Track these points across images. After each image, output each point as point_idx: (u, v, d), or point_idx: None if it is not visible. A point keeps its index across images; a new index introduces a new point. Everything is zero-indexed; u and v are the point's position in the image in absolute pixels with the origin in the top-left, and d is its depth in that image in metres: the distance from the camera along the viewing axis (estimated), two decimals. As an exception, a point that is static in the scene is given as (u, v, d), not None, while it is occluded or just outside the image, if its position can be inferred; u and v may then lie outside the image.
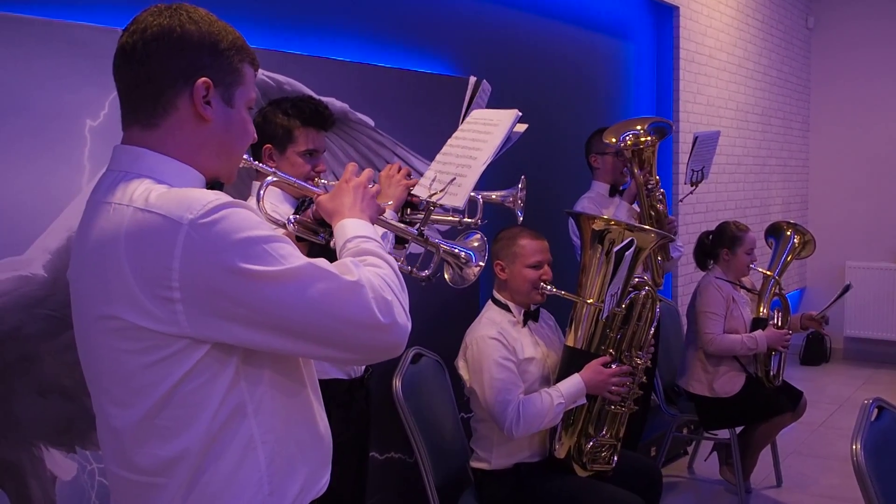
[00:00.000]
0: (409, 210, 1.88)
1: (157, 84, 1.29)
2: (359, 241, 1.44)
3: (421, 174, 3.21)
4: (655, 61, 5.20)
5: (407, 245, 1.81)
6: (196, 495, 1.28)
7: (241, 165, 1.45)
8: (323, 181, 2.28)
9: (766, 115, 6.49)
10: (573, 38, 4.42)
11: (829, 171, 7.43)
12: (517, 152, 2.56)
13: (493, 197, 2.01)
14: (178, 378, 1.24)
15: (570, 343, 2.89)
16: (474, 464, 2.91)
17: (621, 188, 3.76)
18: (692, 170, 3.83)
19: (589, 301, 2.83)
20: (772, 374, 4.06)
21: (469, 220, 1.88)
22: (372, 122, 3.04)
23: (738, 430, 4.13)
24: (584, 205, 3.67)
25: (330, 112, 2.39)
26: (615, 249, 2.77)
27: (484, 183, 1.86)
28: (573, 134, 4.28)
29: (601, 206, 3.67)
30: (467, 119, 1.93)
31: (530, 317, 2.91)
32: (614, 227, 2.85)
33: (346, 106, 2.92)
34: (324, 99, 2.56)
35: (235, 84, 1.36)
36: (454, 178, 1.73)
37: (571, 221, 3.62)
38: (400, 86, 3.18)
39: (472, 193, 1.85)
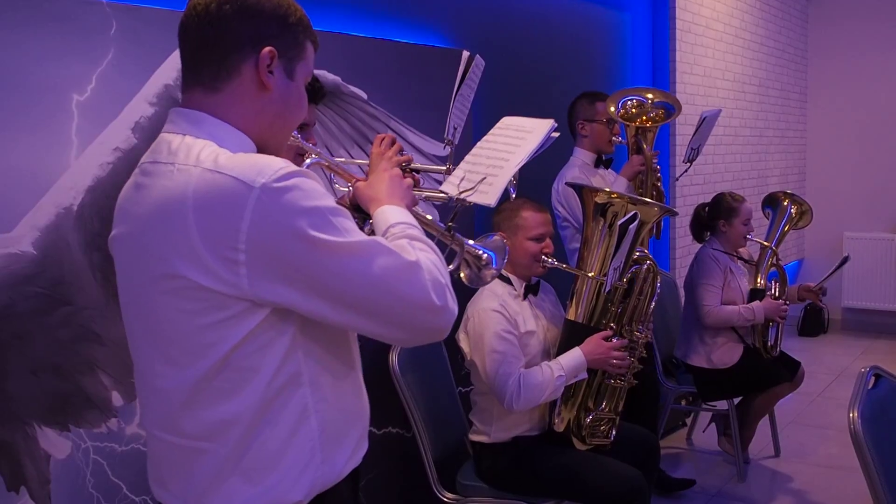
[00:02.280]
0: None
1: (224, 47, 1.32)
2: (404, 226, 1.45)
3: (414, 147, 3.20)
4: (651, 32, 5.15)
5: None
6: (248, 461, 1.30)
7: (288, 141, 1.48)
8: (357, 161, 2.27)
9: (763, 85, 6.45)
10: (568, 8, 4.37)
11: (827, 141, 7.40)
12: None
13: None
14: (237, 341, 1.26)
15: (570, 317, 2.88)
16: (473, 437, 2.91)
17: (604, 157, 3.69)
18: (691, 148, 3.80)
19: (590, 275, 2.82)
20: (769, 344, 4.07)
21: (461, 198, 1.87)
22: (365, 95, 3.01)
23: (736, 400, 4.14)
24: (574, 174, 3.56)
25: (321, 85, 2.36)
26: (619, 223, 2.75)
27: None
28: (568, 105, 4.25)
29: (587, 175, 3.58)
30: (497, 125, 1.92)
31: (531, 290, 2.90)
32: (617, 200, 2.82)
33: (338, 79, 2.89)
34: (315, 71, 2.52)
35: (298, 58, 1.38)
36: (484, 178, 1.73)
37: (559, 191, 3.57)
38: (393, 58, 3.14)
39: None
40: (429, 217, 1.74)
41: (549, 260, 2.83)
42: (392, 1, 3.25)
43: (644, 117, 3.48)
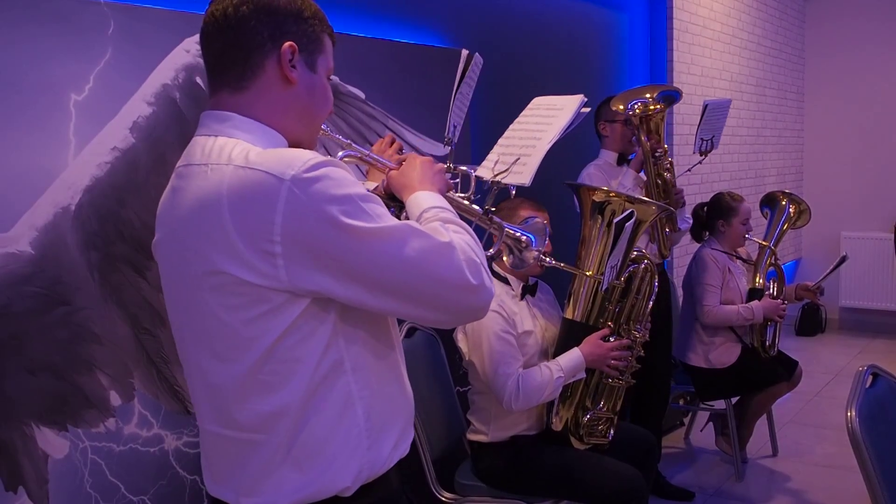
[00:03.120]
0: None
1: (246, 47, 1.35)
2: (436, 210, 1.47)
3: (413, 147, 3.20)
4: (649, 32, 5.15)
5: None
6: (297, 450, 1.33)
7: (319, 135, 1.50)
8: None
9: (760, 85, 6.45)
10: (565, 8, 4.37)
11: (824, 141, 7.41)
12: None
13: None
14: (279, 333, 1.28)
15: (568, 316, 2.87)
16: (471, 436, 2.91)
17: (629, 157, 3.73)
18: (701, 139, 3.80)
19: (588, 273, 2.81)
20: (767, 344, 4.07)
21: (461, 195, 1.87)
22: (362, 95, 3.00)
23: (734, 400, 4.14)
24: (590, 172, 3.64)
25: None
26: (615, 221, 2.75)
27: (479, 157, 1.85)
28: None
29: (609, 174, 3.64)
30: (528, 106, 1.92)
31: (528, 290, 2.89)
32: (614, 198, 2.82)
33: (336, 78, 2.88)
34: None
35: (317, 52, 1.42)
36: (518, 158, 1.74)
37: None
38: (391, 58, 3.14)
39: (465, 168, 1.85)
40: (465, 201, 1.75)
41: (547, 259, 2.82)
42: (390, 1, 3.25)
43: (650, 112, 3.51)
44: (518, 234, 1.75)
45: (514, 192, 2.03)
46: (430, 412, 2.91)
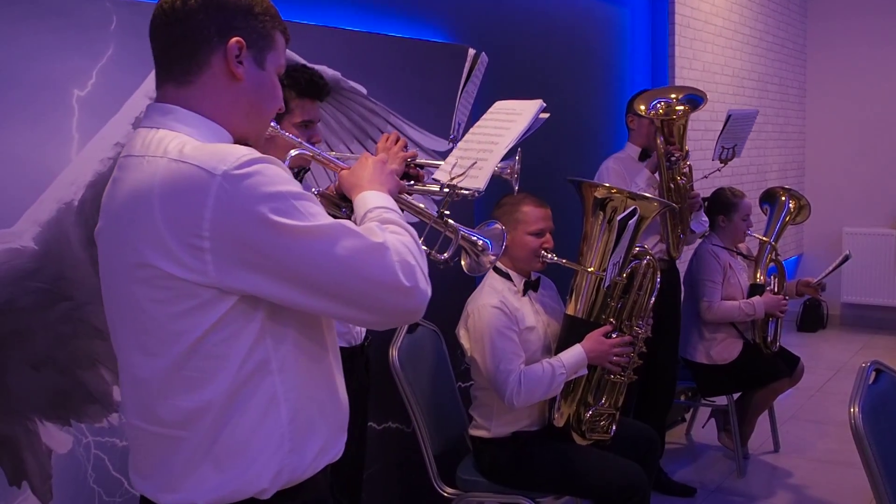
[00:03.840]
0: (405, 181, 1.87)
1: (192, 41, 1.34)
2: (380, 210, 1.46)
3: (415, 143, 3.19)
4: (650, 27, 5.15)
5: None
6: (218, 448, 1.31)
7: (267, 133, 1.48)
8: (347, 155, 2.28)
9: (762, 80, 6.45)
10: (567, 3, 4.36)
11: (826, 136, 7.40)
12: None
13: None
14: (205, 329, 1.27)
15: (570, 312, 2.88)
16: (473, 432, 2.91)
17: (652, 153, 3.74)
18: (722, 147, 3.82)
19: (590, 270, 2.81)
20: (769, 340, 4.07)
21: (465, 193, 1.86)
22: (365, 91, 3.00)
23: (736, 396, 4.14)
24: (609, 165, 3.67)
25: (325, 82, 2.36)
26: (618, 218, 2.75)
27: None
28: (569, 100, 4.25)
29: (627, 168, 3.66)
30: (490, 110, 1.92)
31: (530, 286, 2.90)
32: (616, 195, 2.82)
33: (338, 74, 2.88)
34: (315, 66, 2.52)
35: (267, 48, 1.40)
36: (475, 162, 1.73)
37: (595, 180, 3.60)
38: (393, 53, 3.14)
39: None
40: (420, 205, 1.74)
41: (549, 255, 2.83)
42: (392, -4, 3.24)
43: (673, 116, 3.51)
44: (474, 239, 1.75)
45: (476, 195, 2.03)
46: (431, 408, 2.92)
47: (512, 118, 1.83)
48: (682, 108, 3.51)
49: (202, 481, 1.32)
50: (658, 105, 3.55)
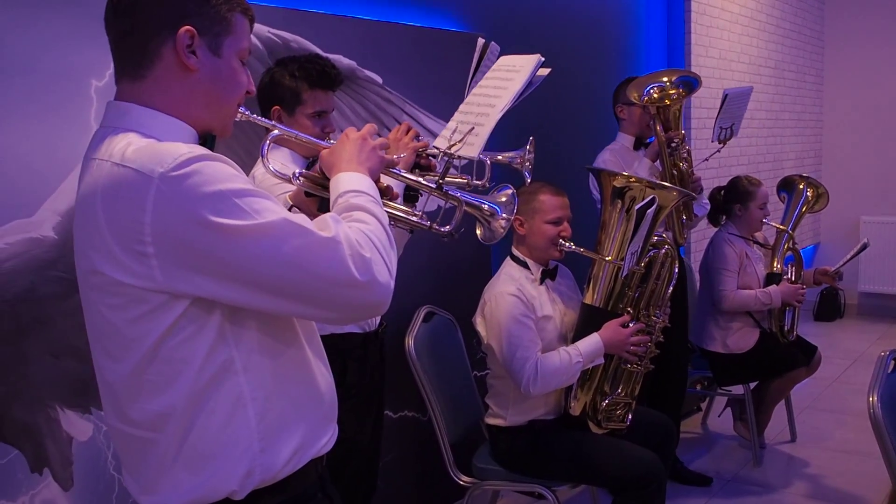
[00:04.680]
0: (418, 172, 1.85)
1: (142, 34, 1.29)
2: (349, 195, 1.40)
3: (430, 132, 3.20)
4: (667, 15, 5.12)
5: (415, 203, 1.77)
6: (187, 450, 1.29)
7: (237, 118, 1.42)
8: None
9: (779, 68, 6.40)
10: (583, -8, 4.35)
11: (843, 125, 7.34)
12: (527, 107, 2.52)
13: (500, 158, 1.99)
14: (160, 333, 1.24)
15: (588, 301, 2.87)
16: (489, 420, 2.92)
17: (647, 141, 3.70)
18: (720, 127, 3.77)
19: (608, 259, 2.81)
20: (786, 329, 4.05)
21: (477, 182, 1.86)
22: (380, 80, 3.00)
23: (752, 385, 4.13)
24: (605, 157, 3.59)
25: (338, 72, 2.36)
26: (636, 207, 2.73)
27: (494, 143, 1.83)
28: (584, 88, 4.24)
29: (624, 158, 3.60)
30: (492, 67, 1.89)
31: (548, 275, 2.89)
32: (635, 184, 2.81)
33: (353, 63, 2.88)
34: (330, 56, 2.52)
35: (224, 33, 1.33)
36: (472, 128, 1.69)
37: (592, 176, 3.57)
38: (408, 42, 3.14)
39: (481, 156, 1.83)
40: (411, 177, 1.68)
41: (567, 244, 2.82)
42: (407, -15, 3.24)
43: (667, 100, 3.46)
44: (479, 203, 1.68)
45: (528, 180, 1.99)
46: (447, 396, 2.92)
47: (510, 76, 1.80)
48: (675, 91, 3.46)
49: (176, 484, 1.31)
50: (651, 90, 3.50)
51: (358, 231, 1.30)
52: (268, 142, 1.53)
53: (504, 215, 1.69)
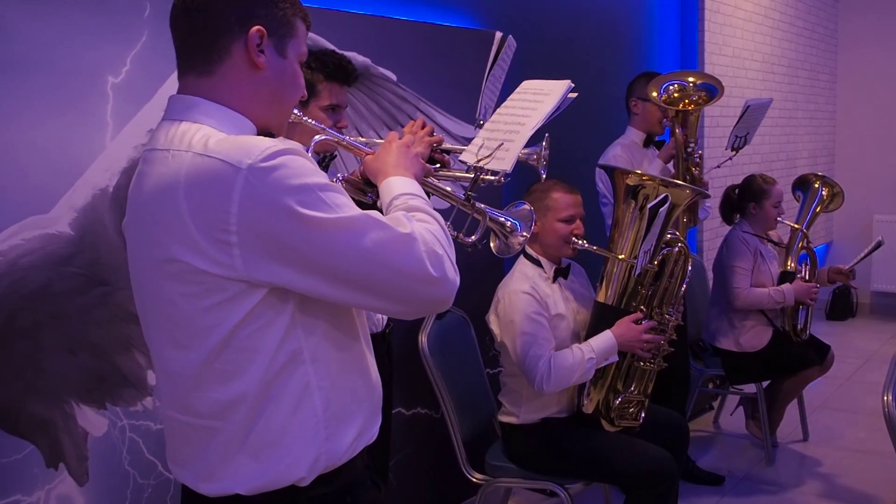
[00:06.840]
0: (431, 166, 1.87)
1: (212, 31, 1.33)
2: (406, 197, 1.45)
3: (444, 130, 3.20)
4: (680, 12, 5.10)
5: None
6: (253, 438, 1.32)
7: (290, 119, 1.47)
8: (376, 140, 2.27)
9: (792, 66, 6.37)
10: (596, -11, 4.34)
11: (857, 123, 7.30)
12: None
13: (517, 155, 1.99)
14: (236, 322, 1.27)
15: (600, 299, 2.87)
16: (502, 418, 2.92)
17: (656, 139, 3.67)
18: (735, 136, 3.75)
19: (621, 257, 2.80)
20: (799, 327, 4.04)
21: (491, 178, 1.86)
22: (394, 77, 3.00)
23: (765, 384, 4.11)
24: (616, 152, 3.57)
25: (353, 67, 2.36)
26: (650, 206, 2.73)
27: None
28: (597, 86, 4.22)
29: (633, 155, 3.57)
30: (517, 90, 1.90)
31: (561, 273, 2.89)
32: (648, 182, 2.80)
33: (367, 60, 2.89)
34: (345, 53, 2.53)
35: (288, 36, 1.39)
36: (501, 144, 1.72)
37: (600, 172, 3.56)
38: (423, 40, 3.14)
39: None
40: (447, 188, 1.72)
41: (580, 242, 2.82)
42: (421, -18, 3.24)
43: (686, 101, 3.44)
44: (502, 220, 1.73)
45: (502, 180, 2.01)
46: (460, 394, 2.92)
47: (539, 98, 1.82)
48: (696, 94, 3.44)
49: (240, 471, 1.33)
50: (671, 88, 3.47)
51: (426, 229, 1.35)
52: (313, 144, 1.60)
53: (524, 233, 1.74)
